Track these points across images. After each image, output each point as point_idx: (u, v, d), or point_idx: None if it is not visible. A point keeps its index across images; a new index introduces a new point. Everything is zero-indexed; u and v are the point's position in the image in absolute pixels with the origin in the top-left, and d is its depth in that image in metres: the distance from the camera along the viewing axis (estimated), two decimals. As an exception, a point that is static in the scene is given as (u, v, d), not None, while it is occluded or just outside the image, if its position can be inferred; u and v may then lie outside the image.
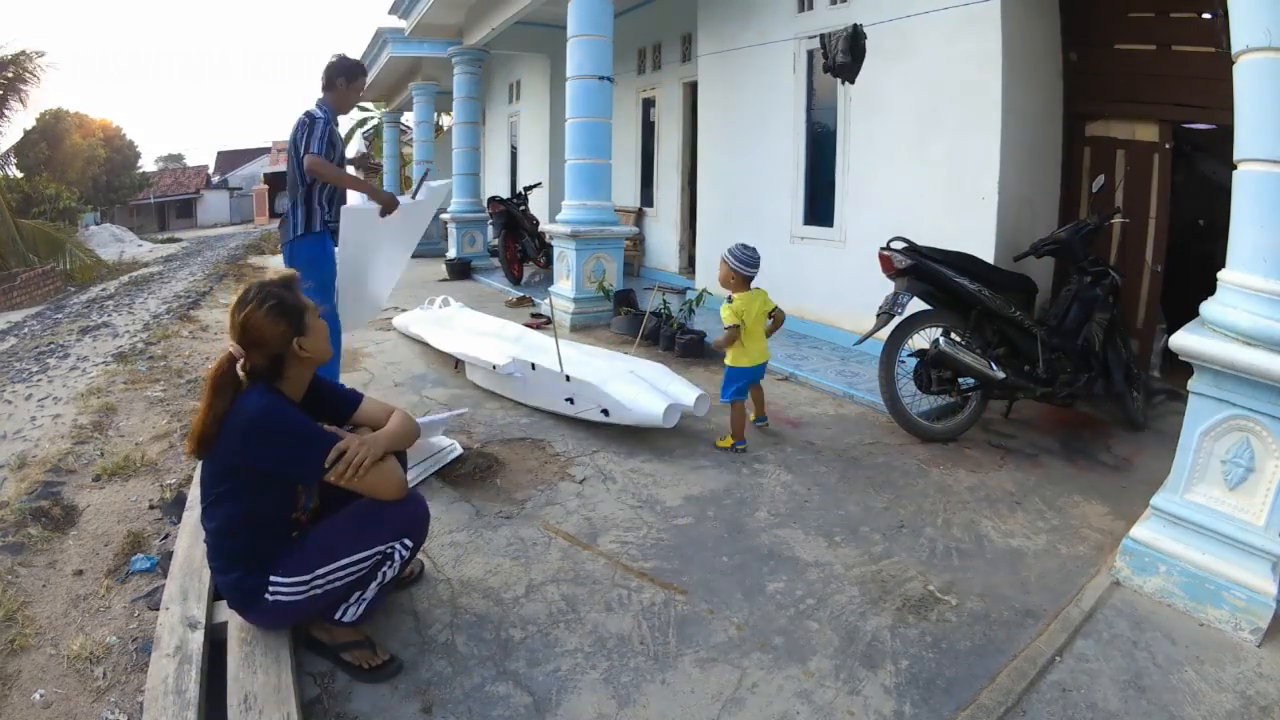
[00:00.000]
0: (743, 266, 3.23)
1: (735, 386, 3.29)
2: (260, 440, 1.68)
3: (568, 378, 3.44)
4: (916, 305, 3.44)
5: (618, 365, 3.61)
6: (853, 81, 4.59)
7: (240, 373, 1.71)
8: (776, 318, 3.35)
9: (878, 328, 3.41)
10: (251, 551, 1.74)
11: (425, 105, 11.70)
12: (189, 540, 2.30)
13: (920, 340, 3.47)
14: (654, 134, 8.43)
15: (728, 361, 3.30)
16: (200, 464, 1.80)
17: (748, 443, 3.30)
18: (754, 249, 3.27)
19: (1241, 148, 2.05)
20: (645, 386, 3.33)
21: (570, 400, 3.47)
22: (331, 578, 1.76)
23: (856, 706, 1.75)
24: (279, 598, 1.74)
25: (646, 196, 8.72)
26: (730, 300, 3.25)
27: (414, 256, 12.18)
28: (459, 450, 3.14)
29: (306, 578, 1.74)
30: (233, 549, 1.73)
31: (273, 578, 1.73)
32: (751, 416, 3.51)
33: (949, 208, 4.27)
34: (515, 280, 8.07)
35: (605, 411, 3.32)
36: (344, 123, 21.87)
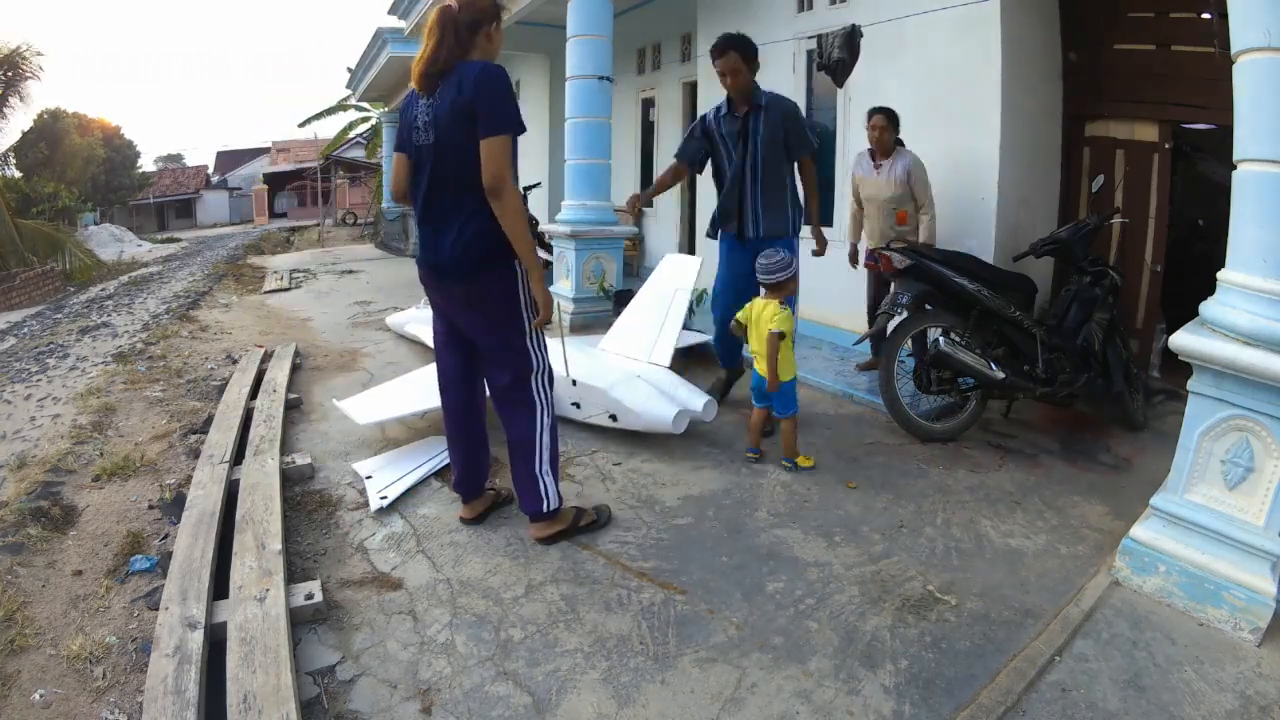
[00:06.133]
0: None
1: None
2: None
3: (574, 382, 3.43)
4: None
5: (624, 369, 3.59)
6: (841, 85, 4.57)
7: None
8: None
9: (877, 328, 3.41)
10: None
11: (425, 105, 11.69)
12: (189, 540, 2.31)
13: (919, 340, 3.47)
14: (654, 134, 8.43)
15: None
16: None
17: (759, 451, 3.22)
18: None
19: (1241, 148, 2.05)
20: (654, 392, 3.30)
21: (577, 405, 3.46)
22: None
23: (856, 706, 1.75)
24: None
25: (646, 196, 8.71)
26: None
27: (412, 256, 12.17)
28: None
29: None
30: None
31: None
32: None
33: (948, 208, 4.27)
34: (515, 280, 8.05)
35: (613, 417, 3.31)
36: (337, 124, 21.79)
